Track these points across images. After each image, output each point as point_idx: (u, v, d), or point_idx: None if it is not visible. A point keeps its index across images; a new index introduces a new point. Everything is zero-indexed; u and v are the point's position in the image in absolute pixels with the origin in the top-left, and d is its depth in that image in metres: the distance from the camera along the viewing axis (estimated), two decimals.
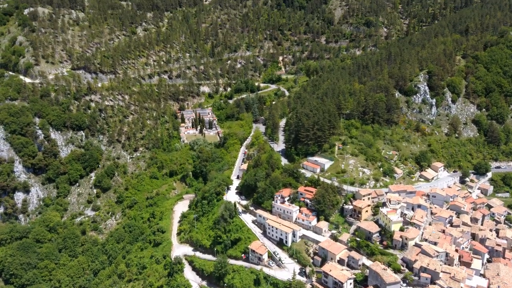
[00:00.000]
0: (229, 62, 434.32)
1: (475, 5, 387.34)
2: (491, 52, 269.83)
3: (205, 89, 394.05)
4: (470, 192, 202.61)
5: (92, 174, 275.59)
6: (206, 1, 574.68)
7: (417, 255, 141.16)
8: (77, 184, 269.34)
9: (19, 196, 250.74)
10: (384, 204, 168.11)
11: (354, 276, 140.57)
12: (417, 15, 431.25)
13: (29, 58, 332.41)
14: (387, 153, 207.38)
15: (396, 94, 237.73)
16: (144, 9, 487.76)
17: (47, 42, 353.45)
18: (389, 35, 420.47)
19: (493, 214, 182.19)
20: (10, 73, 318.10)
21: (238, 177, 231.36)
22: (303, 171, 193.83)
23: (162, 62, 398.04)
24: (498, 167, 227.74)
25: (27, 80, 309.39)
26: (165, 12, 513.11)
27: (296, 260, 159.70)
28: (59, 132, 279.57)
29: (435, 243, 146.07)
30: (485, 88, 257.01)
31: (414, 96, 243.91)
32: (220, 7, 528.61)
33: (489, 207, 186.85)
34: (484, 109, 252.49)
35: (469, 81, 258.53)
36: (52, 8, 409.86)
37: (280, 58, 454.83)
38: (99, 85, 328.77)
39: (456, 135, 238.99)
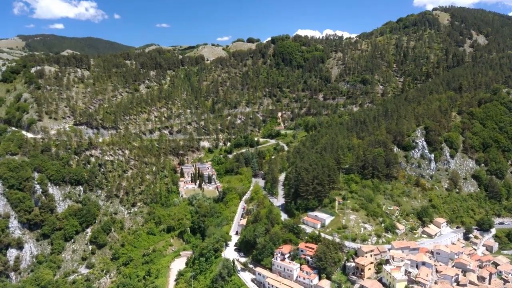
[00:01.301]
0: (229, 118, 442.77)
1: (467, 64, 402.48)
2: (485, 109, 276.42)
3: (205, 144, 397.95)
4: (475, 249, 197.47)
5: (88, 230, 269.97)
6: (207, 60, 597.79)
7: None
8: (73, 240, 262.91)
9: (12, 253, 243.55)
10: (387, 261, 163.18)
11: None
12: (412, 74, 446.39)
13: (32, 114, 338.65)
14: (388, 208, 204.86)
15: (395, 149, 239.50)
16: (148, 68, 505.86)
17: (51, 98, 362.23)
18: (385, 92, 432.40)
19: (500, 272, 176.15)
20: (13, 128, 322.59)
21: (237, 233, 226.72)
22: (303, 226, 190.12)
23: (163, 118, 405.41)
24: (502, 223, 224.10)
25: (29, 135, 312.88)
26: (167, 71, 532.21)
27: None
28: (57, 187, 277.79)
29: None
30: (482, 143, 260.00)
31: (413, 151, 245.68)
32: (221, 66, 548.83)
33: (496, 264, 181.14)
34: (483, 164, 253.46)
35: (466, 136, 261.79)
36: (58, 66, 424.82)
37: (279, 114, 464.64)
38: (100, 140, 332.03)
39: (457, 190, 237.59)
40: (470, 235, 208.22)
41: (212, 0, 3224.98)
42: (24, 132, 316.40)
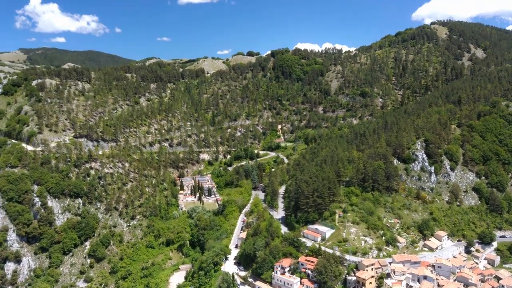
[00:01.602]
0: (229, 130, 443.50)
1: (466, 78, 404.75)
2: (485, 122, 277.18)
3: (205, 156, 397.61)
4: (477, 263, 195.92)
5: (87, 243, 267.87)
6: (207, 73, 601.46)
7: None
8: (71, 253, 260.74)
9: (9, 267, 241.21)
10: (388, 275, 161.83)
11: None
12: (411, 87, 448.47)
13: (33, 127, 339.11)
14: (389, 221, 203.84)
15: (395, 162, 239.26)
16: (148, 81, 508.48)
17: (52, 111, 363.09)
18: (384, 105, 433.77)
19: (503, 286, 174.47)
20: (13, 141, 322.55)
21: (236, 246, 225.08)
22: (303, 239, 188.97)
23: (163, 131, 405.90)
24: (503, 236, 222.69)
25: (29, 147, 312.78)
26: (168, 84, 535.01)
27: None
28: (57, 199, 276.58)
29: None
30: (482, 156, 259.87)
31: (413, 164, 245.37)
32: (221, 79, 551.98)
33: (498, 278, 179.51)
34: (483, 177, 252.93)
35: (466, 149, 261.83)
36: (59, 79, 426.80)
37: (279, 126, 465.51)
38: (100, 152, 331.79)
39: (458, 203, 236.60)
40: (472, 249, 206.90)
41: (212, 15, 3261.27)
42: (24, 145, 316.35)
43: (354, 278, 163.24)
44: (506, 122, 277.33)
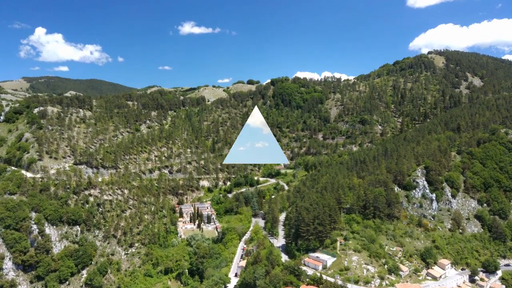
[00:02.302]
0: None
1: (464, 105, 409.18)
2: (484, 149, 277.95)
3: (205, 183, 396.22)
4: None
5: (84, 272, 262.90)
6: (208, 101, 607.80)
7: None
8: (67, 282, 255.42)
9: None
10: None
11: None
12: (410, 114, 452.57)
13: (33, 154, 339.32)
14: (391, 249, 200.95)
15: (396, 189, 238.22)
16: (149, 108, 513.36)
17: (52, 138, 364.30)
18: (384, 132, 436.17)
19: None
20: (13, 168, 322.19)
21: (236, 275, 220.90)
22: (304, 268, 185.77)
23: (163, 158, 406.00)
24: (508, 265, 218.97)
25: (29, 174, 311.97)
26: (169, 111, 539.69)
27: None
28: (55, 227, 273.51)
29: None
30: (483, 183, 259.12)
31: (414, 191, 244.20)
32: (221, 107, 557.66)
33: None
34: (485, 204, 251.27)
35: (467, 176, 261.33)
36: (61, 107, 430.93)
37: None
38: (100, 179, 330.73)
39: (460, 230, 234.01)
40: (476, 277, 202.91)
41: (213, 45, 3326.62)
42: (23, 172, 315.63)
43: None
44: (506, 149, 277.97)
